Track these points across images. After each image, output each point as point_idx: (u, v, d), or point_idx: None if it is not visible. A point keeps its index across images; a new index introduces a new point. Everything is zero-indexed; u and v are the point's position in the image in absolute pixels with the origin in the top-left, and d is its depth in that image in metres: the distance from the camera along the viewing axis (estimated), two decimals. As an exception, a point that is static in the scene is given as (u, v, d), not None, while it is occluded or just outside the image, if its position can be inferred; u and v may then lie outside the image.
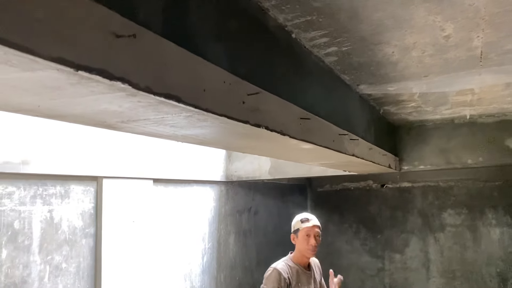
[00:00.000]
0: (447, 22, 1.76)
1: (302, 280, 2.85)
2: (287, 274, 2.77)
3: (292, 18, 1.62)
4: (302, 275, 2.87)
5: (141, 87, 0.87)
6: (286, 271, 2.80)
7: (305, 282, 2.86)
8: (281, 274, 2.75)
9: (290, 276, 2.79)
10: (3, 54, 0.65)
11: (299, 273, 2.86)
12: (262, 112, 1.45)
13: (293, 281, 2.80)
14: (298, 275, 2.85)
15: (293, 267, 2.87)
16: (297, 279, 2.83)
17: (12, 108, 0.97)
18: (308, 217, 2.93)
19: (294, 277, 2.81)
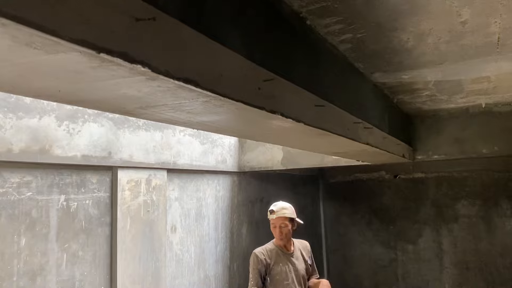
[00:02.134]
0: (464, 7, 1.73)
1: (282, 260, 3.15)
2: (263, 256, 3.13)
3: (306, 4, 1.61)
4: (281, 255, 3.17)
5: (161, 71, 0.88)
6: (263, 253, 3.16)
7: (285, 262, 3.16)
8: (258, 257, 3.12)
9: (267, 257, 3.13)
10: (28, 36, 0.66)
11: (278, 254, 3.18)
12: (277, 98, 1.45)
13: (272, 261, 3.13)
14: (278, 255, 3.17)
15: (273, 249, 3.20)
16: (276, 259, 3.15)
17: (34, 93, 0.98)
18: (274, 209, 3.18)
19: (273, 258, 3.15)
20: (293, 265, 3.20)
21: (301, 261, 3.25)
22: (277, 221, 3.16)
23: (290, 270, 3.16)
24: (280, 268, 3.14)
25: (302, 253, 3.31)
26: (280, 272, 3.14)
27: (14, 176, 2.35)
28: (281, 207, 3.19)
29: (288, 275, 3.14)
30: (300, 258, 3.26)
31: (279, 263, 3.16)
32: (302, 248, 3.34)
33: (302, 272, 3.23)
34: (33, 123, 2.40)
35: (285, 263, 3.17)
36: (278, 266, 3.14)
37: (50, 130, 2.48)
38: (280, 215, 3.15)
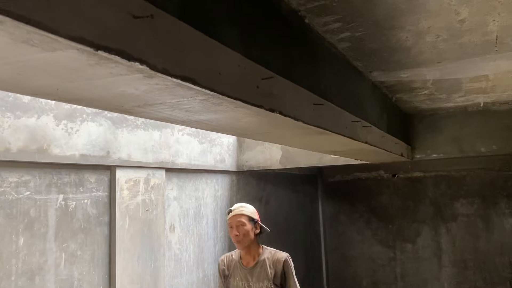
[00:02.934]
0: (462, 6, 1.73)
1: (238, 274, 2.77)
2: (223, 265, 2.83)
3: (305, 2, 1.61)
4: (238, 269, 2.78)
5: (159, 69, 0.88)
6: (224, 261, 2.85)
7: (241, 277, 2.75)
8: (219, 265, 2.86)
9: (226, 268, 2.81)
10: (25, 34, 0.65)
11: (236, 266, 2.79)
12: (276, 97, 1.44)
13: (229, 272, 2.80)
14: (236, 268, 2.79)
15: (234, 259, 2.83)
16: (233, 271, 2.79)
17: (31, 91, 0.98)
18: (232, 208, 2.81)
19: (231, 269, 2.80)
20: (249, 283, 2.72)
21: (262, 279, 2.70)
22: (233, 219, 2.74)
23: (246, 287, 2.74)
24: (236, 282, 2.76)
25: (268, 270, 2.72)
26: (237, 286, 2.77)
27: (12, 175, 2.35)
28: (239, 205, 2.82)
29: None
30: (262, 276, 2.70)
31: (235, 277, 2.78)
32: (272, 263, 2.74)
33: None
34: (31, 122, 2.39)
35: (241, 279, 2.75)
36: (234, 280, 2.77)
37: (48, 130, 2.48)
38: (237, 212, 2.74)
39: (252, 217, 2.76)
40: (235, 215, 2.74)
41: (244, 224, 2.72)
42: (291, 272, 2.75)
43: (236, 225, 2.72)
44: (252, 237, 2.74)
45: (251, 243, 2.75)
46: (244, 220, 2.72)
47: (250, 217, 2.75)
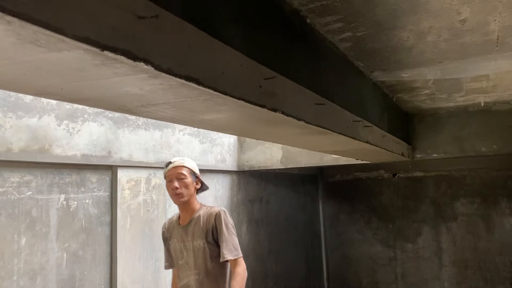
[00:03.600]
0: (463, 6, 1.74)
1: (175, 235, 2.54)
2: (164, 228, 2.64)
3: (307, 2, 1.62)
4: (176, 229, 2.55)
5: (163, 69, 0.88)
6: (166, 224, 2.65)
7: (178, 238, 2.52)
8: (162, 229, 2.67)
9: (166, 230, 2.61)
10: (32, 34, 0.66)
11: (174, 227, 2.57)
12: (278, 96, 1.45)
13: (169, 234, 2.59)
14: (174, 228, 2.57)
15: (174, 220, 2.61)
16: (172, 232, 2.57)
17: (36, 91, 0.98)
18: (172, 160, 2.53)
19: (170, 231, 2.59)
20: (184, 242, 2.49)
21: (196, 237, 2.46)
22: (173, 172, 2.46)
23: (183, 248, 2.50)
24: (174, 244, 2.55)
25: (202, 227, 2.46)
26: (175, 249, 2.55)
27: (14, 175, 2.35)
28: (179, 158, 2.55)
29: (182, 254, 2.51)
30: (196, 234, 2.46)
31: (173, 238, 2.55)
32: (206, 219, 2.47)
33: (199, 251, 2.45)
34: (33, 122, 2.40)
35: (178, 239, 2.53)
36: (172, 241, 2.55)
37: (50, 130, 2.48)
38: (178, 164, 2.47)
39: (193, 171, 2.53)
40: (175, 167, 2.47)
41: (185, 177, 2.47)
42: (223, 226, 2.43)
43: (177, 177, 2.45)
44: (192, 192, 2.51)
45: (190, 198, 2.49)
46: (185, 173, 2.47)
47: (191, 170, 2.52)
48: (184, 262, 2.48)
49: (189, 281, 2.48)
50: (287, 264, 5.45)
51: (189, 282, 2.48)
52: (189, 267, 2.47)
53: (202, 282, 2.44)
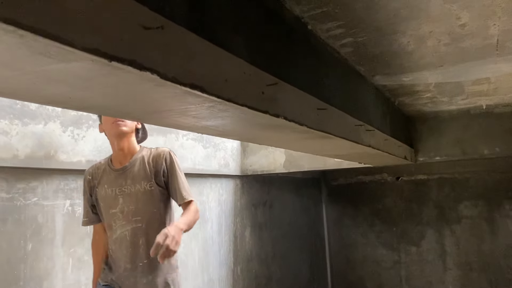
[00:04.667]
0: (463, 11, 1.76)
1: (106, 181, 2.29)
2: (89, 176, 2.35)
3: (308, 9, 1.64)
4: (107, 174, 2.30)
5: (169, 77, 0.91)
6: (91, 171, 2.37)
7: (111, 183, 2.27)
8: (85, 177, 2.37)
9: (92, 178, 2.34)
10: (43, 46, 0.68)
11: (105, 172, 2.32)
12: (280, 102, 1.47)
13: (96, 182, 2.32)
14: (104, 172, 2.32)
15: (102, 165, 2.35)
16: (101, 179, 2.31)
17: (45, 100, 1.01)
18: None
19: (98, 177, 2.32)
20: (121, 187, 2.24)
21: (139, 179, 2.24)
22: None
23: (118, 194, 2.25)
24: (104, 191, 2.27)
25: (147, 168, 2.24)
26: (105, 197, 2.27)
27: (20, 181, 2.38)
28: None
29: (116, 202, 2.25)
30: (139, 176, 2.24)
31: (103, 185, 2.28)
32: (151, 159, 2.27)
33: (143, 196, 2.23)
34: (38, 129, 2.43)
35: (110, 185, 2.27)
36: (102, 189, 2.28)
37: (55, 136, 2.51)
38: None
39: None
40: None
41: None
42: (176, 167, 2.27)
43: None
44: (133, 127, 2.31)
45: (131, 134, 2.30)
46: None
47: None
48: (118, 211, 2.24)
49: (124, 232, 2.24)
50: (291, 267, 5.46)
51: (124, 233, 2.24)
52: (125, 215, 2.23)
53: (146, 232, 2.23)
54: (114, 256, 2.34)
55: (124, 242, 2.27)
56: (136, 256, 2.26)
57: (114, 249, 2.32)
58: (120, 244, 2.28)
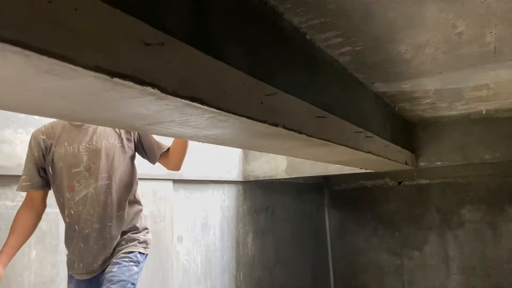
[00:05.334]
0: (459, 20, 1.79)
1: (65, 139, 2.15)
2: (43, 135, 2.17)
3: (306, 20, 1.67)
4: (66, 132, 2.17)
5: (169, 91, 0.94)
6: (43, 130, 2.19)
7: (73, 140, 2.15)
8: (35, 139, 2.18)
9: (47, 137, 2.16)
10: (48, 65, 0.72)
11: (64, 130, 2.18)
12: (279, 112, 1.50)
13: (54, 141, 2.16)
14: (62, 132, 2.17)
15: (58, 123, 2.20)
16: (58, 139, 2.16)
17: (49, 114, 1.04)
18: None
19: (55, 137, 2.16)
20: (86, 144, 2.14)
21: (107, 135, 2.16)
22: None
23: (82, 151, 2.13)
24: (64, 149, 2.14)
25: (109, 134, 2.18)
26: (64, 156, 2.13)
27: (25, 190, 2.41)
28: None
29: (78, 160, 2.13)
30: (105, 132, 2.16)
31: (62, 144, 2.15)
32: None
33: (110, 151, 2.16)
34: (43, 138, 2.46)
35: (71, 143, 2.14)
36: (60, 148, 2.14)
37: (59, 145, 2.54)
38: None
39: None
40: None
41: None
42: None
43: None
44: None
45: None
46: None
47: None
48: (83, 169, 2.13)
49: (90, 191, 2.13)
50: (294, 273, 5.47)
51: (90, 192, 2.14)
52: (92, 173, 2.13)
53: (115, 189, 2.17)
54: (75, 220, 2.16)
55: (91, 201, 2.14)
56: (104, 216, 2.16)
57: (76, 212, 2.15)
58: (84, 205, 2.14)
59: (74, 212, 2.17)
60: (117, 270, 2.12)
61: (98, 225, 2.17)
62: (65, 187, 2.15)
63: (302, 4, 1.54)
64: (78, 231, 2.18)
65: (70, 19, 0.72)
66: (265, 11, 1.53)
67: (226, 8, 1.28)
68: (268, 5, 1.53)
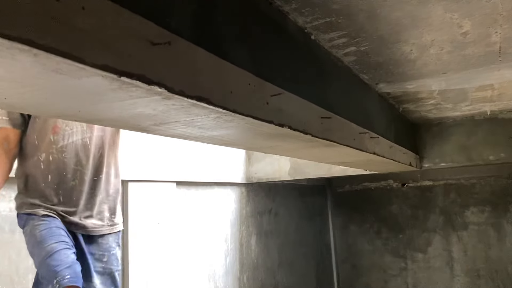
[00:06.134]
0: (464, 19, 1.78)
1: None
2: None
3: (311, 20, 1.67)
4: None
5: (176, 91, 0.93)
6: None
7: None
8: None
9: None
10: (56, 64, 0.71)
11: None
12: (285, 112, 1.49)
13: None
14: None
15: None
16: None
17: (56, 114, 1.04)
18: None
19: None
20: None
21: None
22: None
23: None
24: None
25: None
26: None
27: (29, 192, 2.40)
28: None
29: None
30: None
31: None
32: None
33: None
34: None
35: None
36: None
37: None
38: None
39: None
40: None
41: None
42: None
43: None
44: None
45: None
46: None
47: None
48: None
49: (84, 139, 2.09)
50: (297, 275, 5.45)
51: (84, 140, 2.09)
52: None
53: (108, 147, 2.16)
54: (60, 168, 2.04)
55: (85, 150, 2.07)
56: (99, 167, 2.11)
57: (58, 159, 2.03)
58: (77, 153, 2.05)
59: (54, 159, 2.02)
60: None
61: (91, 176, 2.09)
62: (50, 129, 2.02)
63: (307, 4, 1.54)
64: (58, 182, 2.03)
65: (78, 18, 0.72)
66: (271, 12, 1.52)
67: (232, 8, 1.28)
68: (273, 5, 1.52)
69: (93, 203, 2.12)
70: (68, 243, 1.95)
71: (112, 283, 2.12)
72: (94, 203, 2.12)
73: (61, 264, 1.85)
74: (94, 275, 2.05)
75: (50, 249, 1.89)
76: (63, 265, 1.84)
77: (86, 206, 2.10)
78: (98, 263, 2.09)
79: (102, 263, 2.10)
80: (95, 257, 2.09)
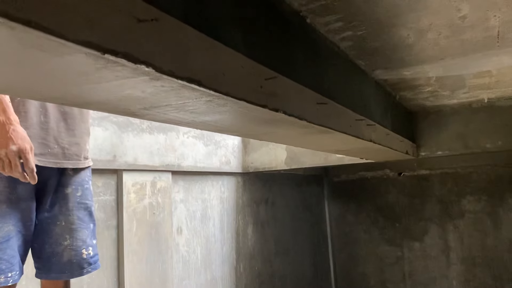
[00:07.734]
0: (463, 2, 1.74)
1: None
2: None
3: (306, 2, 1.63)
4: None
5: (164, 71, 0.90)
6: None
7: None
8: None
9: None
10: (35, 39, 0.67)
11: None
12: (279, 96, 1.46)
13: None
14: None
15: None
16: None
17: (40, 96, 1.00)
18: None
19: None
20: None
21: None
22: None
23: None
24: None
25: None
26: None
27: (21, 181, 2.37)
28: None
29: None
30: None
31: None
32: None
33: None
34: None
35: None
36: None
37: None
38: None
39: None
40: None
41: None
42: None
43: None
44: None
45: None
46: None
47: None
48: None
49: None
50: (294, 265, 5.45)
51: None
52: None
53: None
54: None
55: None
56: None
57: None
58: None
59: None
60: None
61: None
62: None
63: (302, -14, 1.49)
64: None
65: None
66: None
67: (224, -12, 1.23)
68: (267, -14, 1.48)
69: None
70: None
71: (90, 219, 2.02)
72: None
73: None
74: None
75: None
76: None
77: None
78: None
79: (77, 198, 1.99)
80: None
